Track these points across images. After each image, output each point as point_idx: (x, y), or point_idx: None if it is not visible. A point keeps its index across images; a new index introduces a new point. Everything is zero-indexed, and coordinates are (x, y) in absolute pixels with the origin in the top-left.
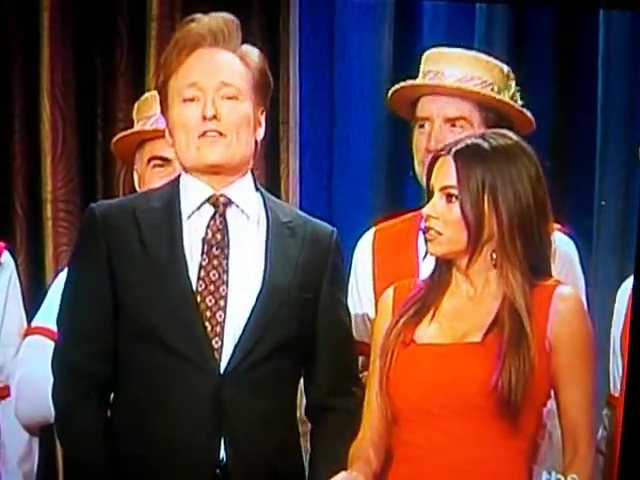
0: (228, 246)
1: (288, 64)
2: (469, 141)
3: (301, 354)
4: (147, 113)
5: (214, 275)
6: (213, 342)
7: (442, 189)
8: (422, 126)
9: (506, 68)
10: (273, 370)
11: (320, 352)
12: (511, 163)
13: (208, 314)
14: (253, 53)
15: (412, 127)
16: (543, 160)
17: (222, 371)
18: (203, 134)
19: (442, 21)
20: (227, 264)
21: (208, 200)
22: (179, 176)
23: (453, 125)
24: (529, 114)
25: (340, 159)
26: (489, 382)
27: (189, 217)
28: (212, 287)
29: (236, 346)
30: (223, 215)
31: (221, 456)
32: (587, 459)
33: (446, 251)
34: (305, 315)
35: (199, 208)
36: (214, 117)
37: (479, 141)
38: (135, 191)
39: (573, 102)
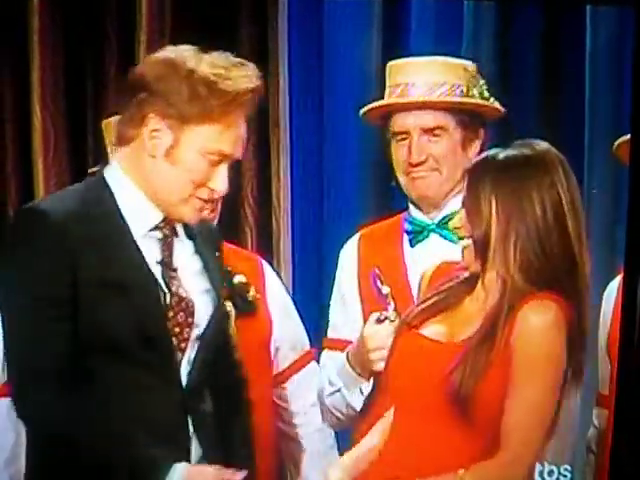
0: (173, 263)
1: (278, 69)
2: (483, 155)
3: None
4: None
5: (183, 292)
6: (177, 356)
7: None
8: (400, 140)
9: (470, 65)
10: (231, 378)
11: None
12: (523, 176)
13: (177, 330)
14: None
15: (388, 139)
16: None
17: (185, 384)
18: (194, 197)
19: (430, 21)
20: (184, 281)
21: (158, 227)
22: (105, 180)
23: (432, 135)
24: (497, 105)
25: (330, 163)
26: (446, 382)
27: (143, 237)
28: (183, 304)
29: (194, 360)
30: (172, 237)
31: (192, 455)
32: (513, 461)
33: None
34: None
35: (151, 231)
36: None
37: (495, 153)
38: None
39: (561, 96)
